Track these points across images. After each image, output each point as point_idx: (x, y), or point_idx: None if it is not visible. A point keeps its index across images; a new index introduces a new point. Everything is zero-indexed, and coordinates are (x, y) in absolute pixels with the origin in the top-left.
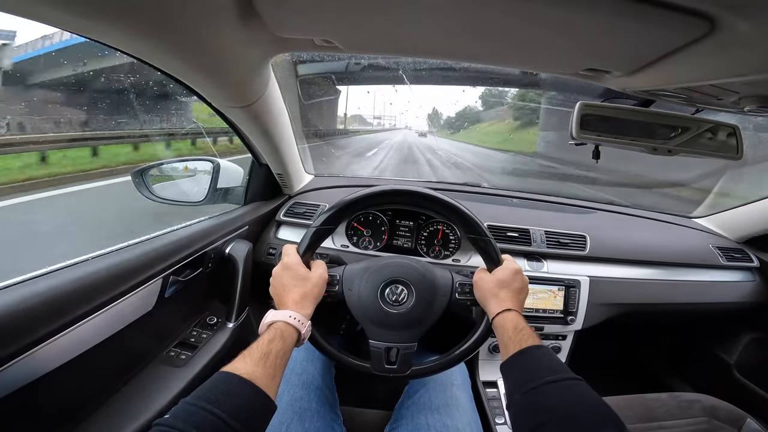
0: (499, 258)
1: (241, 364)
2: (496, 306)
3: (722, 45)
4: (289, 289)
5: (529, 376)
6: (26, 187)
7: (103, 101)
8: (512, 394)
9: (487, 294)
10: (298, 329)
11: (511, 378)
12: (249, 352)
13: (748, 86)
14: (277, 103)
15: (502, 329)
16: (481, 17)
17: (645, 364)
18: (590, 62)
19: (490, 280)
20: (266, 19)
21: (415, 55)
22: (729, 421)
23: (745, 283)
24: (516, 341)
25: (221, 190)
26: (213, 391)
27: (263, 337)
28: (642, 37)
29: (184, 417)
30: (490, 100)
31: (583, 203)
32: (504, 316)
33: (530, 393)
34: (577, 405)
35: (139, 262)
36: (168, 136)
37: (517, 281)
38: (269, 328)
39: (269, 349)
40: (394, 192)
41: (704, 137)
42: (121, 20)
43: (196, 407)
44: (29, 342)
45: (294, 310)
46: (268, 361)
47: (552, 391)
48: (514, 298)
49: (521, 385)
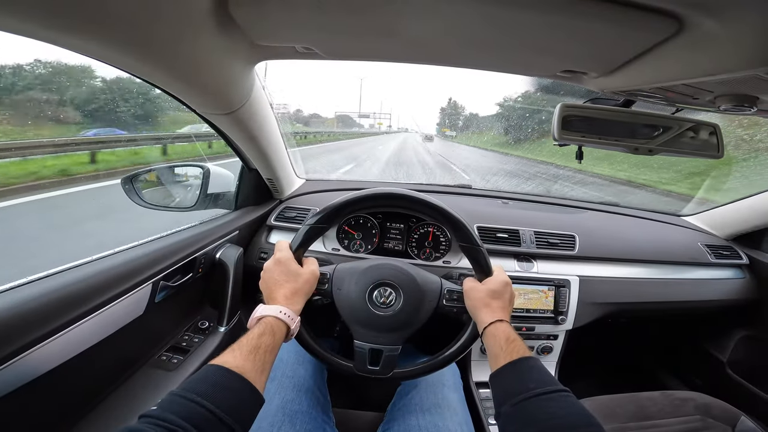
0: (490, 268)
1: (231, 358)
2: (488, 316)
3: (691, 44)
4: (280, 284)
5: (519, 387)
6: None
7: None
8: (501, 405)
9: (479, 304)
10: (287, 324)
11: (500, 389)
12: (238, 345)
13: (722, 85)
14: (263, 108)
15: (493, 339)
16: (459, 23)
17: (637, 362)
18: (567, 64)
19: (482, 290)
20: (245, 28)
21: (395, 61)
22: (722, 419)
23: (735, 280)
24: (507, 352)
25: (212, 196)
26: (202, 383)
27: (253, 331)
28: (614, 38)
29: (172, 409)
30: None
31: (573, 203)
32: (496, 326)
33: (520, 405)
34: (566, 417)
35: (127, 268)
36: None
37: (507, 293)
38: (259, 323)
39: (259, 343)
40: (391, 195)
41: (686, 136)
42: (98, 33)
43: (185, 399)
44: (19, 346)
45: (284, 306)
46: (257, 355)
47: (541, 404)
48: (505, 309)
49: (511, 396)
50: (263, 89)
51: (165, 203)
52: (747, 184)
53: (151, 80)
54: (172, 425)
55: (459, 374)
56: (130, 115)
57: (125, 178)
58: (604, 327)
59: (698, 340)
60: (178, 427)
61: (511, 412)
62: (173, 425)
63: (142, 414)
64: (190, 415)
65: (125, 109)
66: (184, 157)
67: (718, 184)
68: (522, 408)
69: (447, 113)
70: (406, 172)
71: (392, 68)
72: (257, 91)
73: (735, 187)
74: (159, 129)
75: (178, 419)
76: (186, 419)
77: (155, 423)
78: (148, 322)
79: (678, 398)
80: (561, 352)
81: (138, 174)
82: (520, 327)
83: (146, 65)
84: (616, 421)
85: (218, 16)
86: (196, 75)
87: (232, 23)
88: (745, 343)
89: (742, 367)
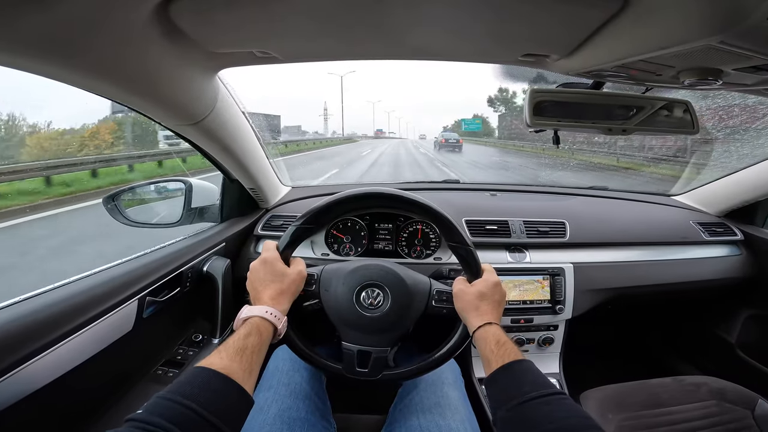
0: (479, 269)
1: (217, 359)
2: (477, 319)
3: (639, 18)
4: (266, 285)
5: (513, 391)
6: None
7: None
8: (497, 410)
9: (468, 306)
10: (274, 324)
11: (495, 393)
12: (224, 347)
13: (680, 59)
14: (233, 117)
15: (483, 342)
16: (411, 13)
17: (644, 349)
18: (526, 47)
19: (471, 293)
20: (194, 36)
21: (352, 58)
22: (739, 402)
23: (732, 257)
24: (499, 356)
25: (196, 210)
26: (188, 385)
27: (239, 332)
28: (566, 17)
29: (159, 411)
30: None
31: (561, 189)
32: (486, 329)
33: (516, 409)
34: (565, 420)
35: (110, 286)
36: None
37: (497, 293)
38: (245, 324)
39: (245, 344)
40: (378, 195)
41: (660, 115)
42: (36, 51)
43: (171, 401)
44: (6, 365)
45: (270, 306)
46: (244, 355)
47: (539, 407)
48: (495, 311)
49: (506, 400)
50: (232, 97)
51: (149, 220)
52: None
53: (107, 96)
54: (158, 428)
55: (459, 371)
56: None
57: (107, 197)
58: (606, 315)
59: (704, 323)
60: (163, 429)
61: (509, 417)
62: (159, 428)
63: (127, 417)
64: (177, 417)
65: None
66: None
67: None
68: (519, 412)
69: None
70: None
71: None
72: (224, 99)
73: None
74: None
75: (163, 422)
76: (172, 421)
77: (141, 426)
78: (138, 338)
79: (690, 383)
80: (563, 343)
81: (119, 193)
82: (518, 319)
83: (97, 81)
84: (627, 410)
85: (162, 26)
86: (153, 87)
87: (180, 32)
88: (752, 323)
89: (752, 348)
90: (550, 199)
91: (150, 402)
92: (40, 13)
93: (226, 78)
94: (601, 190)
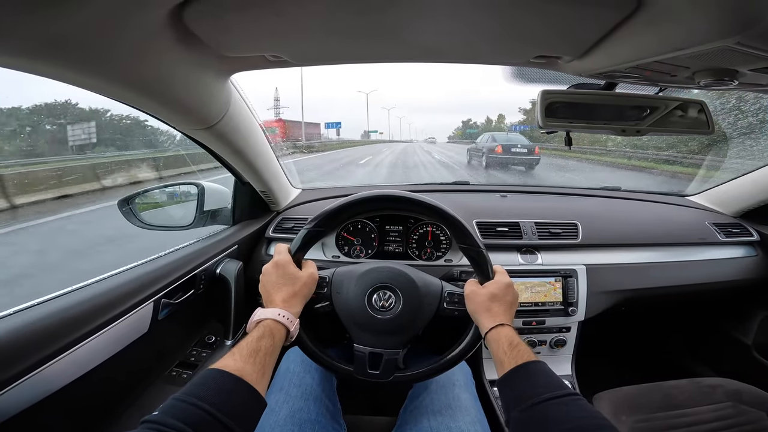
0: (491, 271)
1: (231, 361)
2: (490, 321)
3: (654, 19)
4: (279, 287)
5: (527, 392)
6: None
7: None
8: (510, 411)
9: (480, 308)
10: (286, 327)
11: (508, 394)
12: (238, 349)
13: (696, 60)
14: (245, 120)
15: (496, 344)
16: (424, 16)
17: (658, 350)
18: (538, 49)
19: (483, 294)
20: (207, 40)
21: (364, 61)
22: (756, 405)
23: (748, 258)
24: (512, 357)
25: (209, 213)
26: (202, 387)
27: (252, 334)
28: (578, 19)
29: (174, 413)
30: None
31: (573, 190)
32: (498, 331)
33: (530, 409)
34: (580, 420)
35: (127, 288)
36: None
37: (509, 295)
38: (258, 326)
39: (258, 346)
40: (389, 197)
41: (675, 115)
42: (53, 55)
43: (186, 403)
44: (28, 365)
45: (282, 308)
46: (257, 357)
47: (553, 408)
48: (507, 312)
49: (520, 401)
50: (244, 101)
51: (163, 223)
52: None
53: (122, 100)
54: (173, 429)
55: (470, 373)
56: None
57: (122, 201)
58: (619, 316)
59: (719, 324)
60: (178, 431)
61: (523, 418)
62: (174, 429)
63: (144, 419)
64: (191, 418)
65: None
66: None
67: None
68: (533, 413)
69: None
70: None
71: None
72: (236, 103)
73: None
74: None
75: (178, 423)
76: (187, 423)
77: (157, 428)
78: (154, 339)
79: (706, 385)
80: (576, 345)
81: (134, 196)
82: (530, 321)
83: (115, 87)
84: (642, 411)
85: (176, 31)
86: (167, 92)
87: (193, 37)
88: None
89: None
90: (562, 200)
91: (165, 404)
92: (60, 19)
93: (237, 82)
94: (614, 190)
